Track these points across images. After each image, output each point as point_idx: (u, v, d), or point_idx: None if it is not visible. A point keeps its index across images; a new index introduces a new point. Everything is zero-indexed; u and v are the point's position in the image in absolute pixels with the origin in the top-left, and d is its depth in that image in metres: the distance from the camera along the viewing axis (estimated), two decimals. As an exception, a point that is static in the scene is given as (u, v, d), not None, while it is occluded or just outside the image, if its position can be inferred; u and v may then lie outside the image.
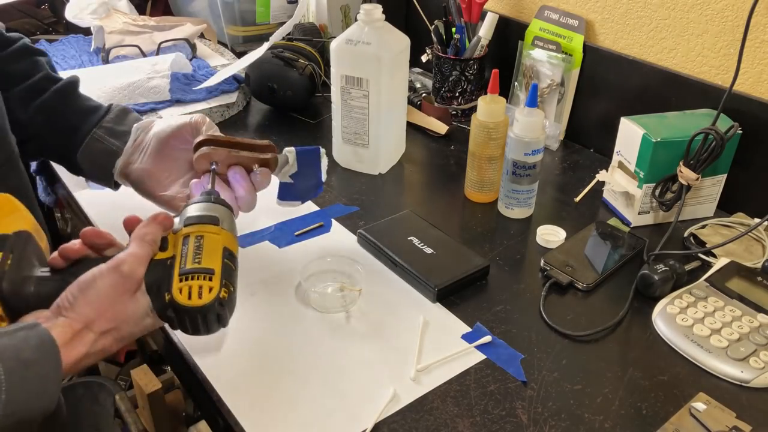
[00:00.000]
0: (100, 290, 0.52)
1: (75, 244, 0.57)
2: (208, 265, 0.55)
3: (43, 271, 0.56)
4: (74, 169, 0.79)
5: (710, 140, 0.81)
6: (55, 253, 0.57)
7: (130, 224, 0.58)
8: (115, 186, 0.78)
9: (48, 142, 0.77)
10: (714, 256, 0.82)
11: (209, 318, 0.54)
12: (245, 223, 0.86)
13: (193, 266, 0.55)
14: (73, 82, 0.80)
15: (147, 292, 0.55)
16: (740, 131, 0.84)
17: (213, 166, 0.70)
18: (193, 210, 0.59)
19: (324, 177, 0.77)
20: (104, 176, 0.77)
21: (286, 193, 0.77)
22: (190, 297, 0.53)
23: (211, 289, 0.54)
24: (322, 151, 0.75)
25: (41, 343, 0.49)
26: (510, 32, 1.16)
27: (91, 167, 0.77)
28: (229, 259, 0.57)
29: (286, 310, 0.73)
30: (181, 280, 0.54)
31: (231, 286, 0.56)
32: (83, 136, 0.75)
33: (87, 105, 0.78)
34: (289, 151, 0.74)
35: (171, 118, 0.76)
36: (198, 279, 0.54)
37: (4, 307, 0.53)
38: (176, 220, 0.60)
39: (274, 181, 0.75)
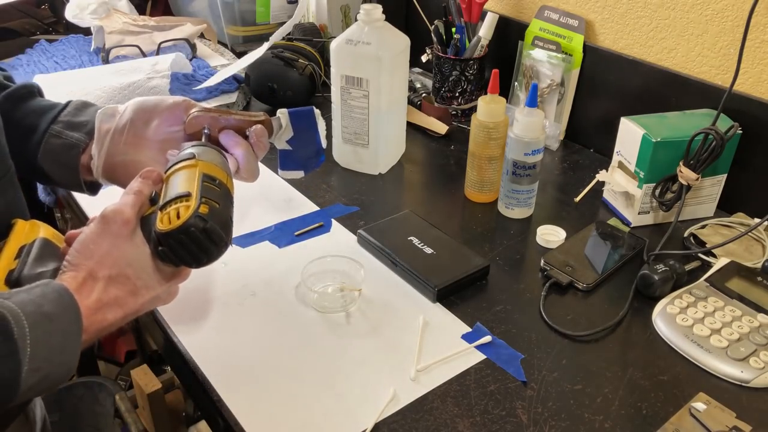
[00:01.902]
0: (91, 241, 0.54)
1: (81, 231, 0.57)
2: (183, 190, 0.55)
3: (57, 265, 0.56)
4: (39, 176, 0.72)
5: (710, 140, 0.81)
6: (65, 245, 0.58)
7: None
8: (89, 189, 0.71)
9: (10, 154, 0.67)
10: (714, 256, 0.82)
11: (194, 236, 0.53)
12: (245, 223, 0.86)
13: (169, 196, 0.55)
14: (28, 86, 0.73)
15: (147, 242, 0.55)
16: (740, 131, 0.84)
17: (205, 130, 0.67)
18: (173, 159, 0.60)
19: (324, 143, 0.74)
20: (70, 175, 0.70)
21: (287, 162, 0.74)
22: (170, 222, 0.53)
23: (188, 208, 0.53)
24: (317, 111, 0.72)
25: (59, 296, 0.49)
26: (510, 32, 1.16)
27: (54, 167, 0.69)
28: (209, 181, 0.57)
29: (286, 310, 0.73)
30: (161, 212, 0.55)
31: (215, 203, 0.55)
32: (41, 136, 0.69)
33: (42, 104, 0.71)
34: (282, 113, 0.71)
35: (139, 99, 0.70)
36: (174, 204, 0.54)
37: None
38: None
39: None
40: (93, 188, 0.72)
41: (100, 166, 0.68)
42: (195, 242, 0.54)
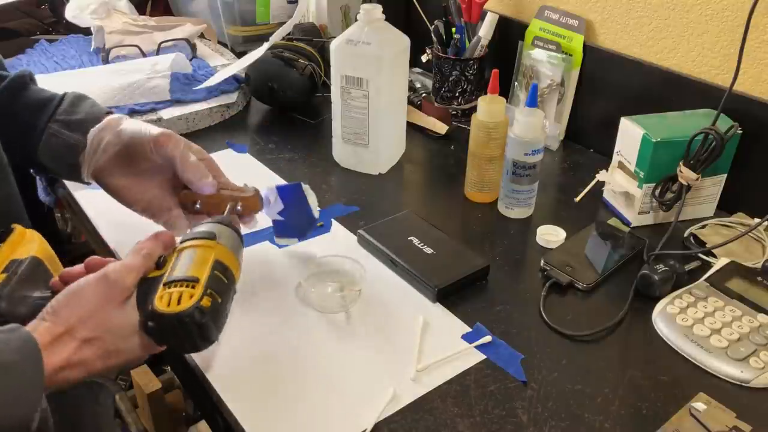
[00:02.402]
0: (83, 296, 0.52)
1: (76, 268, 0.57)
2: (193, 274, 0.54)
3: (43, 294, 0.56)
4: (40, 170, 0.74)
5: (710, 140, 0.81)
6: (56, 277, 0.57)
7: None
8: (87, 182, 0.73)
9: (8, 146, 0.68)
10: (714, 256, 0.82)
11: (188, 327, 0.52)
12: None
13: (177, 275, 0.54)
14: (22, 76, 0.74)
15: (137, 307, 0.54)
16: (740, 131, 0.84)
17: (197, 207, 0.70)
18: (195, 229, 0.59)
19: (316, 214, 0.75)
20: (71, 171, 0.72)
21: (281, 230, 0.76)
22: (169, 304, 0.52)
23: (191, 297, 0.52)
24: (306, 186, 0.73)
25: (23, 345, 0.47)
26: (510, 32, 1.16)
27: (54, 164, 0.72)
28: (221, 271, 0.56)
29: (286, 310, 0.73)
30: (164, 289, 0.53)
31: (218, 297, 0.54)
32: (39, 134, 0.70)
33: (38, 98, 0.73)
34: (270, 190, 0.72)
35: (135, 124, 0.70)
36: (180, 287, 0.53)
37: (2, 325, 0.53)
38: (178, 240, 0.60)
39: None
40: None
41: (89, 174, 0.70)
42: (186, 332, 0.53)
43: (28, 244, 0.59)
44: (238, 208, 0.70)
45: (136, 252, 0.55)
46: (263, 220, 0.87)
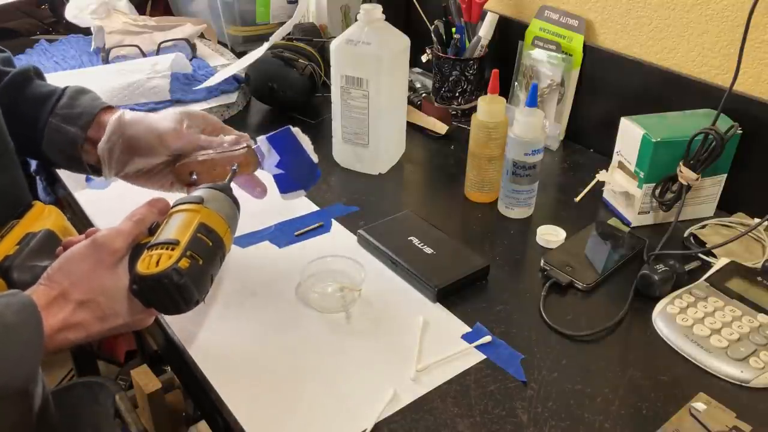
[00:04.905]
0: (74, 261, 0.54)
1: (77, 237, 0.59)
2: (174, 237, 0.55)
3: (52, 262, 0.57)
4: (47, 162, 0.76)
5: (710, 140, 0.81)
6: (60, 248, 0.59)
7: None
8: (94, 172, 0.74)
9: (15, 140, 0.70)
10: (714, 256, 0.82)
11: (166, 288, 0.54)
12: (245, 222, 0.86)
13: (160, 239, 0.56)
14: (25, 71, 0.75)
15: (130, 271, 0.56)
16: (740, 131, 0.84)
17: (194, 177, 0.71)
18: (182, 197, 0.61)
19: (315, 158, 0.74)
20: (73, 163, 0.73)
21: (284, 185, 0.75)
22: (149, 267, 0.54)
23: (170, 258, 0.54)
24: (296, 129, 0.72)
25: (23, 307, 0.50)
26: (510, 32, 1.16)
27: (58, 156, 0.73)
28: (205, 234, 0.57)
29: (286, 310, 0.73)
30: (147, 253, 0.55)
31: (199, 259, 0.55)
32: (42, 128, 0.71)
33: (40, 92, 0.73)
34: (260, 140, 0.72)
35: (140, 127, 0.71)
36: (160, 249, 0.55)
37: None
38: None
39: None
40: (97, 170, 0.74)
41: (112, 172, 0.71)
42: (166, 293, 0.54)
43: (45, 218, 0.61)
44: (234, 168, 0.69)
45: (128, 218, 0.58)
46: (263, 219, 0.87)
